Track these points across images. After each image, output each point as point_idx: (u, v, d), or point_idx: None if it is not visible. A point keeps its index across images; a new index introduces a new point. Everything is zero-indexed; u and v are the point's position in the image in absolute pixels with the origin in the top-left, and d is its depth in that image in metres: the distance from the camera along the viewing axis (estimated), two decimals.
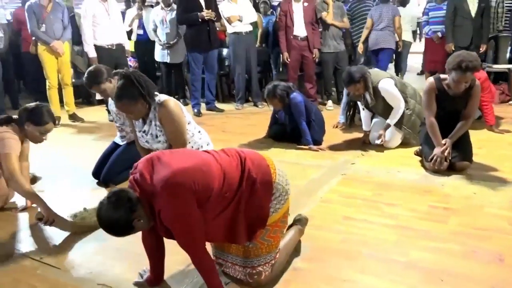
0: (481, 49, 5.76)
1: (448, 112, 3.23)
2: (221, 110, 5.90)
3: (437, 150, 3.15)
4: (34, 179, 3.43)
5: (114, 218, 1.61)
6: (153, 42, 6.32)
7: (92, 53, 5.33)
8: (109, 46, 5.39)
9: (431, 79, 3.29)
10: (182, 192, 1.58)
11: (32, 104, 2.68)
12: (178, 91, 6.69)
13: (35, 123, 2.58)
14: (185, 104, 6.23)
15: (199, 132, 2.80)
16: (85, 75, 3.13)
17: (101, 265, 2.16)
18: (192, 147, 2.72)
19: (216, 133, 4.75)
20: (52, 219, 2.47)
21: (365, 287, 1.90)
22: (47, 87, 5.47)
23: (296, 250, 2.18)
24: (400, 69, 7.29)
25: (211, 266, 1.73)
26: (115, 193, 1.62)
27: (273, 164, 1.88)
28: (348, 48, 6.21)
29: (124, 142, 3.30)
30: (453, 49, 5.83)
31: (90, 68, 3.21)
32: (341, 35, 5.85)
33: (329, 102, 5.95)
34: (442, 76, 3.23)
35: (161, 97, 2.52)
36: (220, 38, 6.60)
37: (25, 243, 2.46)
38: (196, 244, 1.67)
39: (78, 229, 2.50)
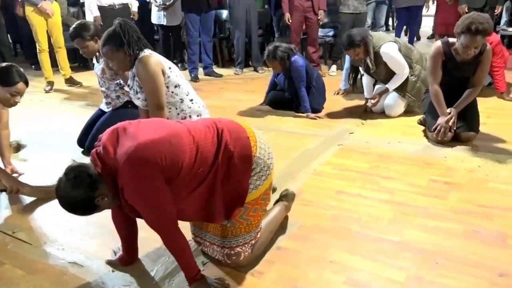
0: (496, 10, 5.41)
1: (455, 79, 2.99)
2: (220, 75, 5.67)
3: (441, 120, 2.94)
4: (18, 147, 3.31)
5: (73, 197, 1.45)
6: (150, 3, 6.02)
7: (96, 12, 5.14)
8: (111, 7, 5.18)
9: (438, 42, 3.04)
10: (147, 167, 1.42)
11: (2, 64, 2.51)
12: (176, 55, 6.44)
13: (4, 83, 2.41)
14: (183, 68, 6.01)
15: (191, 100, 2.56)
16: (72, 26, 3.00)
17: (76, 242, 2.04)
18: (178, 114, 2.54)
19: (211, 99, 4.56)
20: (17, 188, 2.37)
21: (353, 269, 1.75)
22: (37, 50, 5.28)
23: (282, 228, 2.04)
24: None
25: (183, 247, 1.59)
26: (73, 169, 1.46)
27: (254, 136, 1.70)
28: None
29: (110, 109, 3.13)
30: (466, 10, 5.49)
31: (80, 21, 3.11)
32: None
33: (333, 67, 5.67)
34: (451, 40, 2.97)
35: (145, 52, 2.35)
36: (221, 0, 6.28)
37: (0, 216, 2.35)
38: (164, 224, 1.52)
39: (44, 194, 2.41)
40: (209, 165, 1.57)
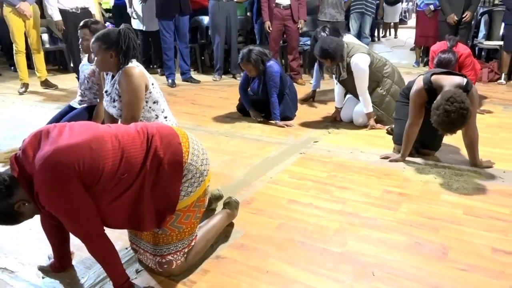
0: (466, 16, 5.27)
1: None
2: (197, 81, 5.64)
3: (396, 156, 2.87)
4: None
5: None
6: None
7: (57, 16, 5.07)
8: (73, 10, 5.13)
9: (420, 83, 2.65)
10: (61, 172, 1.38)
11: None
12: (156, 61, 6.42)
13: None
14: (162, 73, 5.97)
15: (166, 117, 2.52)
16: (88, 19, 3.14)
17: (13, 246, 1.99)
18: None
19: (184, 105, 4.55)
20: None
21: (288, 280, 1.71)
22: (14, 51, 5.23)
23: (225, 236, 2.01)
24: None
25: (108, 254, 1.55)
26: None
27: (187, 142, 1.67)
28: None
29: (84, 105, 3.11)
30: (456, 19, 5.34)
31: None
32: (341, 3, 5.49)
33: None
34: (434, 79, 2.60)
35: (132, 64, 2.32)
36: (203, 6, 6.27)
37: None
38: (84, 231, 1.49)
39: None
40: (135, 171, 1.53)
